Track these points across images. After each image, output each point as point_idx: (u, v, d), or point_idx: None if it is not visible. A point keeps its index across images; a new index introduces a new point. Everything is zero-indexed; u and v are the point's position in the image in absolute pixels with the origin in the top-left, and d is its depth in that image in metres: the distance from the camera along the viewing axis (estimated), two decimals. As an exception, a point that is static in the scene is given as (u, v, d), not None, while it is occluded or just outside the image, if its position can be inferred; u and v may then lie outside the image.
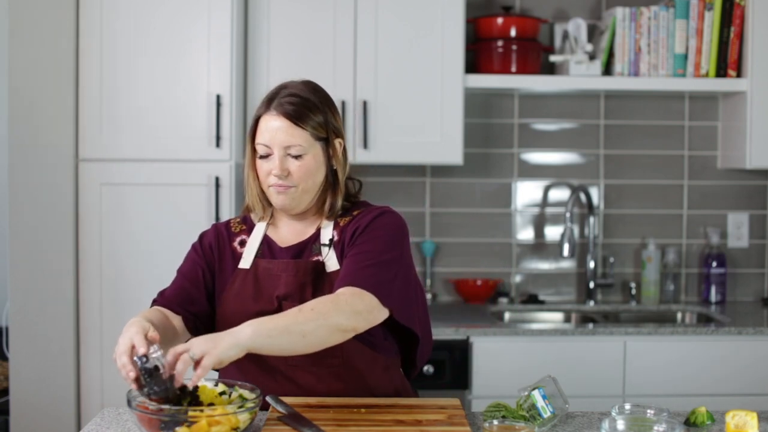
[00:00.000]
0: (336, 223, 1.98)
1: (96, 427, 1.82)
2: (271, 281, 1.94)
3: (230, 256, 2.00)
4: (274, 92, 1.95)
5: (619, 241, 3.67)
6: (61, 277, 3.03)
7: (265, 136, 1.90)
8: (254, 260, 1.97)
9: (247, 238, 2.01)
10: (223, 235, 2.03)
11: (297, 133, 1.89)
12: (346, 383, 1.94)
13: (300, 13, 3.25)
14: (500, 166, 3.64)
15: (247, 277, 1.96)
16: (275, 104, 1.91)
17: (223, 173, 3.05)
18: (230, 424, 1.66)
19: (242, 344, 1.66)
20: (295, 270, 1.93)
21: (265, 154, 1.92)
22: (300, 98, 1.91)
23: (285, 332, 1.71)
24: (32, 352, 3.03)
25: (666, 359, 3.09)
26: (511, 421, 1.69)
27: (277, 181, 1.91)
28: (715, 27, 3.37)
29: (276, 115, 1.90)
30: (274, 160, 1.90)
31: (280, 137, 1.89)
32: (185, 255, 2.07)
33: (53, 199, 3.03)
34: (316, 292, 1.90)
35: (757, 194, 3.69)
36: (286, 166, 1.90)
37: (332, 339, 1.77)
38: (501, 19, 3.39)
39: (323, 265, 1.94)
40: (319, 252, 1.96)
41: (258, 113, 1.94)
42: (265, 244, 2.00)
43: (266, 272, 1.95)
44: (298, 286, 1.91)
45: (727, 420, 1.66)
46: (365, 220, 1.94)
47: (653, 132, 3.66)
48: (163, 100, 3.04)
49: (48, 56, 3.02)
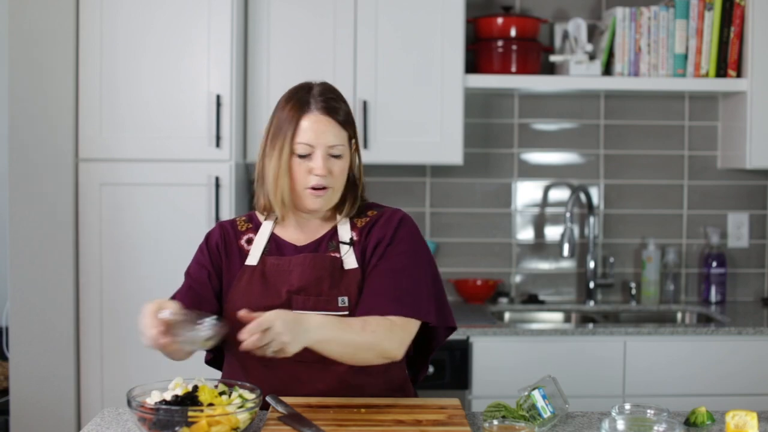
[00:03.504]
0: (353, 223, 1.99)
1: (96, 427, 1.82)
2: (280, 276, 1.94)
3: (237, 254, 2.00)
4: (303, 92, 1.93)
5: (619, 241, 3.67)
6: (61, 277, 3.03)
7: (309, 135, 1.89)
8: (261, 257, 1.98)
9: (254, 237, 2.01)
10: (229, 233, 2.03)
11: (340, 134, 1.92)
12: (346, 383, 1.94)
13: (300, 13, 3.25)
14: (500, 166, 3.64)
15: (254, 274, 1.96)
16: (317, 104, 1.90)
17: (223, 173, 3.05)
18: (230, 424, 1.66)
19: (307, 345, 1.74)
20: (312, 263, 1.94)
21: (305, 154, 1.90)
22: (337, 98, 1.94)
23: (344, 345, 1.80)
24: (32, 352, 3.03)
25: (666, 359, 3.09)
26: (511, 421, 1.69)
27: (318, 181, 1.90)
28: (715, 27, 3.37)
29: (322, 115, 1.90)
30: (316, 160, 1.89)
31: (325, 137, 1.90)
32: (193, 255, 2.07)
33: (53, 199, 3.03)
34: (332, 288, 1.92)
35: (757, 194, 3.69)
36: (328, 165, 1.90)
37: (374, 361, 1.87)
38: (501, 19, 3.39)
39: (341, 262, 1.95)
40: (336, 249, 1.97)
41: (297, 114, 1.90)
42: (272, 242, 2.00)
43: (275, 268, 1.95)
44: (314, 279, 1.92)
45: (727, 420, 1.66)
46: (388, 230, 1.96)
47: (653, 132, 3.66)
48: (163, 100, 3.04)
49: (48, 56, 3.02)
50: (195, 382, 1.76)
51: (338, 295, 1.91)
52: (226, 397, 1.76)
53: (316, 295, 1.90)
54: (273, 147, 1.91)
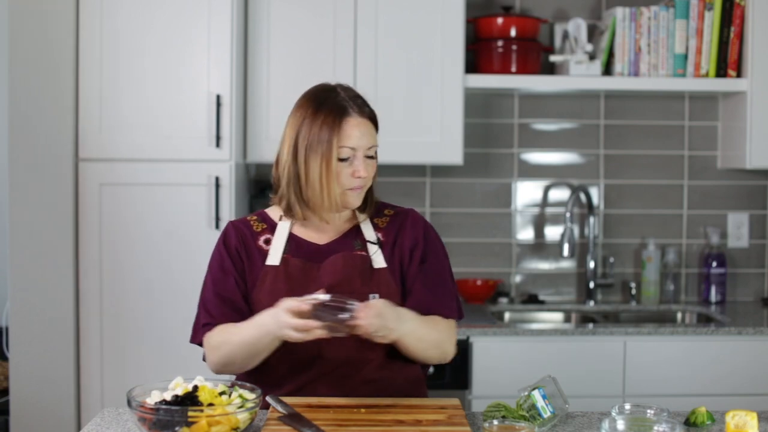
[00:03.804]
0: (374, 223, 2.04)
1: (96, 427, 1.82)
2: (305, 276, 1.96)
3: (257, 255, 2.01)
4: (334, 95, 1.95)
5: (619, 241, 3.67)
6: (61, 277, 3.03)
7: (353, 139, 1.92)
8: (282, 257, 1.98)
9: (271, 237, 2.02)
10: (245, 234, 2.03)
11: (375, 135, 1.98)
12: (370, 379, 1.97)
13: (300, 13, 3.25)
14: (500, 166, 3.64)
15: (278, 274, 1.97)
16: (354, 108, 1.93)
17: (223, 173, 3.05)
18: (230, 424, 1.66)
19: (402, 334, 1.86)
20: (343, 262, 1.96)
21: (347, 157, 1.93)
22: (364, 100, 1.99)
23: (424, 341, 1.93)
24: (32, 352, 3.03)
25: (666, 359, 3.09)
26: (511, 421, 1.69)
27: (360, 183, 1.94)
28: (715, 27, 3.37)
29: (361, 118, 1.94)
30: (359, 162, 1.93)
31: (366, 139, 1.94)
32: (211, 262, 2.05)
33: (53, 199, 3.03)
34: (363, 285, 1.95)
35: (757, 194, 3.69)
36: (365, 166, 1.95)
37: (435, 360, 2.01)
38: (501, 19, 3.39)
39: (370, 260, 1.98)
40: (363, 248, 2.00)
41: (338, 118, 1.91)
42: (292, 242, 2.01)
43: (298, 268, 1.97)
44: (345, 277, 1.95)
45: (727, 420, 1.66)
46: (418, 232, 2.04)
47: (653, 132, 3.66)
48: (163, 100, 3.04)
49: (48, 56, 3.01)
50: (195, 382, 1.76)
51: (369, 292, 1.95)
52: (226, 397, 1.76)
53: (348, 292, 1.92)
54: (314, 152, 1.91)
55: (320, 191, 1.93)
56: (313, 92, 1.98)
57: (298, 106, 1.98)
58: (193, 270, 3.05)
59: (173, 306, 3.05)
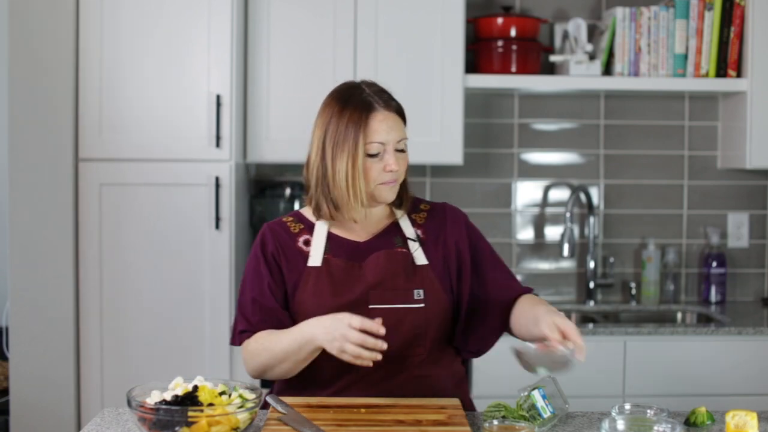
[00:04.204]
0: (411, 219, 2.05)
1: (96, 427, 1.82)
2: (348, 275, 1.96)
3: (298, 257, 2.00)
4: (359, 92, 1.95)
5: (619, 241, 3.67)
6: (61, 277, 3.03)
7: (380, 134, 1.92)
8: (323, 257, 1.99)
9: (310, 237, 2.02)
10: (283, 237, 2.03)
11: (403, 128, 1.97)
12: (418, 375, 1.97)
13: (300, 13, 3.25)
14: (500, 166, 3.64)
15: (321, 275, 1.97)
16: (380, 102, 1.94)
17: (223, 173, 3.05)
18: (230, 424, 1.66)
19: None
20: (385, 260, 1.97)
21: (377, 153, 1.93)
22: (389, 93, 1.98)
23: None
24: (32, 352, 3.03)
25: (666, 359, 3.09)
26: (511, 421, 1.69)
27: (392, 177, 1.94)
28: (715, 27, 3.37)
29: (389, 113, 1.94)
30: (389, 156, 1.93)
31: (394, 133, 1.94)
32: (248, 265, 2.04)
33: (53, 199, 3.03)
34: (407, 282, 1.96)
35: (757, 194, 3.69)
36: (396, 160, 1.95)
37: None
38: (501, 19, 3.39)
39: (412, 257, 1.99)
40: (403, 245, 2.01)
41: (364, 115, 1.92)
42: (331, 241, 2.01)
43: (340, 267, 1.97)
44: (389, 274, 1.96)
45: (727, 420, 1.66)
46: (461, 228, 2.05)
47: (653, 132, 3.66)
48: (163, 100, 3.04)
49: (48, 56, 3.01)
50: (195, 382, 1.76)
51: (413, 288, 1.96)
52: (226, 397, 1.76)
53: (393, 289, 1.94)
54: (341, 151, 1.92)
55: (346, 189, 1.93)
56: (338, 90, 1.99)
57: (325, 105, 1.99)
58: (193, 270, 3.06)
59: (173, 306, 3.05)
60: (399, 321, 1.93)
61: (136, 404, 1.66)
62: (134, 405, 1.66)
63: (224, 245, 3.05)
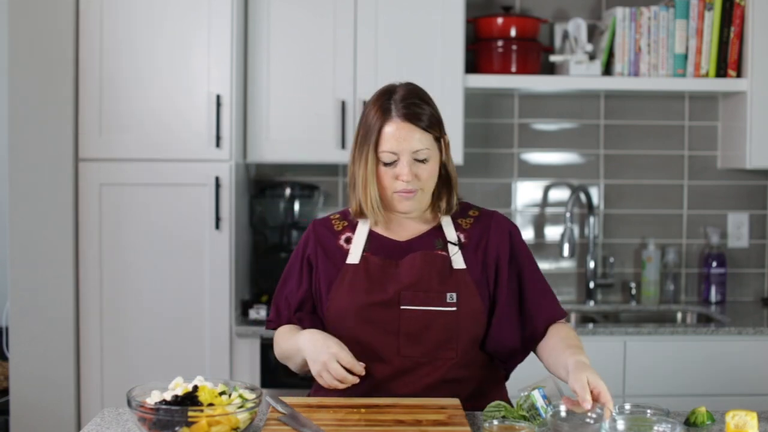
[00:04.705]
0: (457, 223, 2.04)
1: (96, 427, 1.82)
2: (386, 273, 1.97)
3: (338, 254, 2.02)
4: (385, 98, 1.95)
5: (619, 241, 3.67)
6: (61, 277, 3.03)
7: (392, 143, 1.92)
8: (362, 255, 2.00)
9: (352, 235, 2.04)
10: (325, 234, 2.06)
11: (423, 138, 1.93)
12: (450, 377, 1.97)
13: (300, 13, 3.25)
14: (500, 166, 3.64)
15: (358, 272, 1.98)
16: (398, 111, 1.92)
17: (223, 173, 3.05)
18: (230, 424, 1.66)
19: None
20: (421, 261, 1.97)
21: (390, 161, 1.93)
22: (417, 102, 1.95)
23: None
24: (32, 352, 3.03)
25: (666, 359, 3.09)
26: (511, 421, 1.69)
27: (405, 186, 1.94)
28: (715, 27, 3.37)
29: (403, 122, 1.92)
30: (402, 166, 1.93)
31: (408, 143, 1.92)
32: (290, 259, 2.11)
33: (53, 199, 3.03)
34: (441, 284, 1.96)
35: (757, 194, 3.69)
36: (414, 170, 1.93)
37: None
38: (501, 19, 3.39)
39: (450, 261, 1.99)
40: (443, 248, 2.01)
41: (379, 122, 1.92)
42: (372, 240, 2.02)
43: (377, 265, 1.98)
44: (424, 276, 1.96)
45: (727, 420, 1.66)
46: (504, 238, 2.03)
47: (653, 132, 3.66)
48: (163, 100, 3.04)
49: (48, 56, 3.01)
50: (195, 382, 1.76)
51: (447, 291, 1.96)
52: (226, 397, 1.76)
53: (425, 291, 1.95)
54: (360, 154, 1.95)
55: (363, 194, 1.96)
56: (376, 94, 2.00)
57: (364, 107, 2.01)
58: (193, 270, 3.06)
59: (173, 306, 3.05)
60: (429, 323, 1.94)
61: (136, 404, 1.66)
62: (134, 405, 1.66)
63: (224, 245, 3.05)
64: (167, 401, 1.68)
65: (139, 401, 1.67)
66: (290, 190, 3.46)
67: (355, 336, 1.95)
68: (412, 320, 1.94)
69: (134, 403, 1.66)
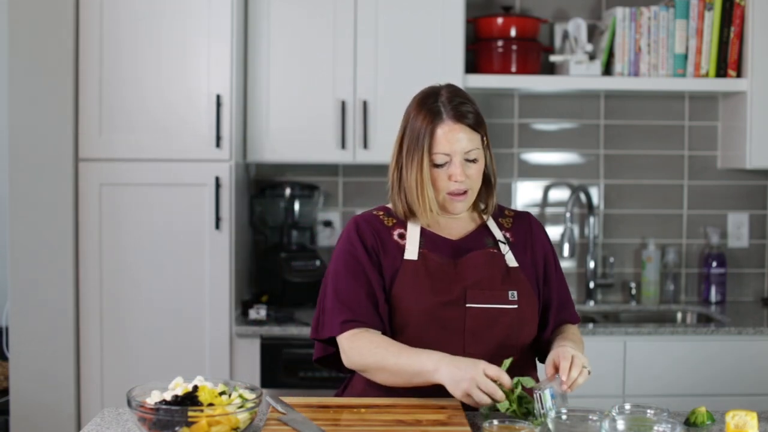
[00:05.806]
0: (499, 223, 2.07)
1: (96, 427, 1.82)
2: (444, 272, 1.97)
3: (395, 249, 2.01)
4: (431, 101, 1.96)
5: (619, 241, 3.67)
6: (61, 277, 3.03)
7: (444, 145, 1.93)
8: (420, 252, 1.99)
9: (404, 231, 2.03)
10: (378, 228, 2.04)
11: (475, 138, 1.95)
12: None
13: (300, 13, 3.25)
14: (500, 166, 3.64)
15: (418, 269, 1.98)
16: (447, 112, 1.93)
17: (223, 173, 3.05)
18: (230, 424, 1.66)
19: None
20: (483, 260, 1.99)
21: (443, 163, 1.94)
22: (465, 102, 1.96)
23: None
24: (32, 352, 3.03)
25: (666, 359, 3.09)
26: (512, 421, 1.69)
27: (458, 187, 1.95)
28: (715, 27, 3.37)
29: (454, 123, 1.93)
30: (455, 167, 1.94)
31: (462, 144, 1.94)
32: (344, 257, 2.00)
33: (53, 199, 3.03)
34: (503, 283, 1.98)
35: (757, 194, 3.69)
36: (465, 170, 1.94)
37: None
38: (501, 19, 3.39)
39: (505, 259, 2.01)
40: (495, 246, 2.02)
41: (430, 125, 1.93)
42: (425, 236, 2.02)
43: (436, 263, 1.98)
44: (488, 275, 1.98)
45: (727, 420, 1.66)
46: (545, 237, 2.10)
47: (653, 132, 3.66)
48: (163, 100, 3.04)
49: (48, 56, 3.01)
50: (195, 382, 1.76)
51: (508, 289, 1.98)
52: (226, 397, 1.76)
53: (490, 289, 1.96)
54: (411, 158, 1.96)
55: (416, 196, 1.96)
56: (419, 96, 2.01)
57: (406, 111, 2.01)
58: (193, 270, 3.06)
59: (173, 306, 3.05)
60: (494, 321, 1.95)
61: (136, 404, 1.66)
62: (134, 405, 1.66)
63: (224, 245, 3.05)
64: (167, 401, 1.68)
65: (139, 401, 1.67)
66: (290, 190, 3.46)
67: (420, 335, 1.94)
68: (478, 318, 1.94)
69: (134, 403, 1.66)
